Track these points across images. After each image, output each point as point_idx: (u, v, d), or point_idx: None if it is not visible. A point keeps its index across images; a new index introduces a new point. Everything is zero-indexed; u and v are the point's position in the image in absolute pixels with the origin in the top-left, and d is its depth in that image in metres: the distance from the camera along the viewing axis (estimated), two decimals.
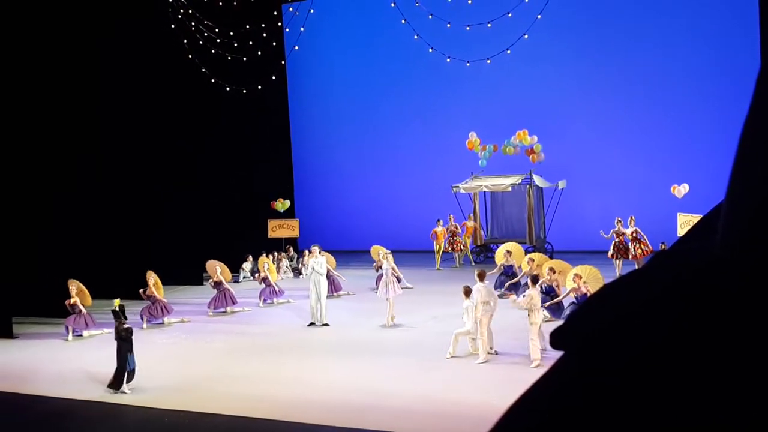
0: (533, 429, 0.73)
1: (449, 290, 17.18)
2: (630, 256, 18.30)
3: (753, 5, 20.25)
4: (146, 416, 10.45)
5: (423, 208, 24.94)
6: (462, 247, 22.12)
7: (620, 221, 18.57)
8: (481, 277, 12.50)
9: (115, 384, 11.22)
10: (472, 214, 22.51)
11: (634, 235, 18.19)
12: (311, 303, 15.49)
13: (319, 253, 15.87)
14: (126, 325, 11.51)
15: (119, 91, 19.97)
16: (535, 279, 12.84)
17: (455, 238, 21.97)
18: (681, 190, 19.11)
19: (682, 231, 16.61)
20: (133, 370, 11.30)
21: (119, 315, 11.69)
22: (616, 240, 18.48)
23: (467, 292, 12.37)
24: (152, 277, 16.47)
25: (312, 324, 15.37)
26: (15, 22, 17.62)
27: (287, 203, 24.78)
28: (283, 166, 27.03)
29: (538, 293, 12.55)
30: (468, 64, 21.90)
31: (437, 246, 22.02)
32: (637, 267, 18.13)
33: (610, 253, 18.46)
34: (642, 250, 18.04)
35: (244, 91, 22.18)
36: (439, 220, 22.18)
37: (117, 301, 12.13)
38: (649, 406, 0.68)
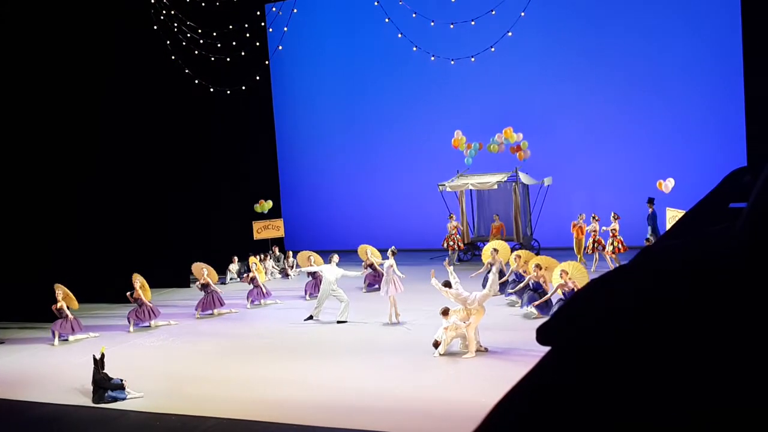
0: (520, 425, 0.73)
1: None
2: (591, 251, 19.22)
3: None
4: (137, 420, 10.40)
5: (409, 207, 24.96)
6: (458, 246, 22.23)
7: (595, 216, 19.30)
8: (445, 313, 12.49)
9: (95, 398, 11.17)
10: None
11: (613, 232, 18.79)
12: (320, 297, 15.71)
13: (336, 264, 15.91)
14: (102, 373, 11.30)
15: (102, 94, 19.86)
16: (447, 283, 12.95)
17: (456, 236, 22.14)
18: (668, 184, 19.26)
19: (670, 226, 16.87)
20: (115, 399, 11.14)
21: (97, 363, 11.37)
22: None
23: (445, 312, 12.44)
24: (138, 280, 16.39)
25: (310, 317, 15.64)
26: (13, 25, 17.60)
27: (269, 203, 24.67)
28: (268, 167, 26.97)
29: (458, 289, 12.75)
30: (452, 63, 21.91)
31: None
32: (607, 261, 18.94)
33: (590, 248, 19.12)
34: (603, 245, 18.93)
35: (228, 92, 22.11)
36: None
37: (102, 349, 11.91)
38: (636, 401, 0.68)
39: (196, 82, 21.21)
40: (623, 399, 0.69)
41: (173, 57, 20.67)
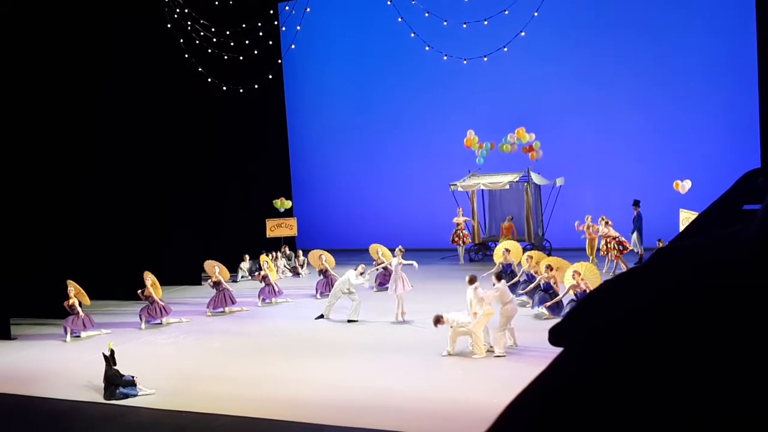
0: (532, 426, 0.73)
1: (450, 288, 17.19)
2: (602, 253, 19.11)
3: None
4: (148, 417, 10.44)
5: (421, 206, 24.94)
6: (465, 241, 22.22)
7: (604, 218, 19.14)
8: (498, 278, 12.83)
9: (107, 394, 11.24)
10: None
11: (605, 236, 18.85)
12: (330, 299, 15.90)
13: (361, 274, 15.80)
14: (114, 369, 11.38)
15: (116, 92, 19.93)
16: (498, 276, 13.17)
17: (462, 231, 22.12)
18: (684, 185, 19.16)
19: (683, 227, 16.75)
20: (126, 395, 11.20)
21: (108, 360, 11.47)
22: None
23: (472, 280, 12.49)
24: (149, 278, 16.45)
25: (321, 316, 15.77)
26: (15, 25, 17.66)
27: (288, 203, 24.74)
28: (280, 165, 27.01)
29: (505, 285, 12.87)
30: (465, 62, 21.88)
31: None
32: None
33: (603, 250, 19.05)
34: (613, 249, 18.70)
35: (241, 91, 22.15)
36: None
37: (110, 345, 12.00)
38: (648, 402, 0.68)
39: (209, 80, 21.27)
40: (635, 400, 0.69)
41: (186, 55, 20.72)
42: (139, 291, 16.40)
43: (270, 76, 22.85)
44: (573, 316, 0.82)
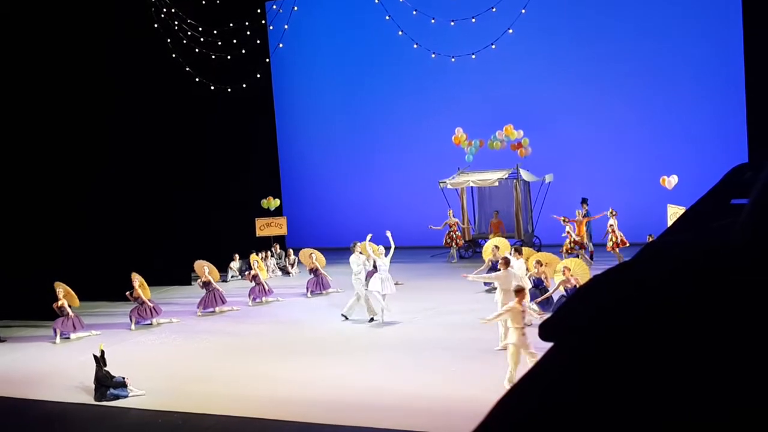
0: (523, 422, 0.73)
1: (440, 286, 17.22)
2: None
3: None
4: (139, 418, 10.41)
5: (410, 204, 24.93)
6: (457, 243, 22.22)
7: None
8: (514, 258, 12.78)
9: (97, 396, 11.20)
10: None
11: (611, 227, 18.99)
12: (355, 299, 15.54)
13: (360, 252, 15.70)
14: (104, 371, 11.35)
15: (102, 94, 19.85)
16: (506, 261, 12.87)
17: (456, 233, 22.12)
18: (671, 181, 19.26)
19: (671, 222, 16.86)
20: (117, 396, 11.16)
21: (99, 361, 11.45)
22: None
23: (507, 262, 12.43)
24: (137, 279, 16.35)
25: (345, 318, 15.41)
26: (13, 28, 17.67)
27: (276, 202, 24.69)
28: (269, 164, 26.96)
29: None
30: (453, 60, 21.89)
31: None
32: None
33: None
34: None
35: (229, 90, 22.08)
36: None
37: (101, 346, 11.96)
38: (639, 398, 0.69)
39: (197, 80, 21.19)
40: (625, 395, 0.69)
41: (174, 55, 20.65)
42: (128, 292, 16.33)
43: (258, 75, 22.79)
44: (563, 312, 0.83)
